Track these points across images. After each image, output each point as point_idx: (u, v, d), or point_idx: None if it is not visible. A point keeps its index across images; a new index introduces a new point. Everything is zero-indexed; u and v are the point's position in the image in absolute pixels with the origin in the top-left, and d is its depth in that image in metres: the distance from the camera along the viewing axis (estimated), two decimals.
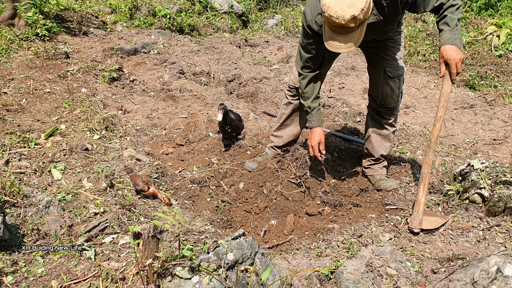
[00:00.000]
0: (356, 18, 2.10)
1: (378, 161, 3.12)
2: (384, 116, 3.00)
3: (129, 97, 4.44)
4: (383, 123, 3.02)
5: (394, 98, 2.89)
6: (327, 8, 2.12)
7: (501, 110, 4.56)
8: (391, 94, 2.86)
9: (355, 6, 2.08)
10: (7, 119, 3.29)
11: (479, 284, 1.86)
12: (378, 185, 3.06)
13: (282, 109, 3.14)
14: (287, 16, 8.26)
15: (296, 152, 3.18)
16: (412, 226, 2.48)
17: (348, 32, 2.19)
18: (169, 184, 2.96)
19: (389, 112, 2.97)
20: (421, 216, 2.47)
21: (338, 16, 2.09)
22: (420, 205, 2.46)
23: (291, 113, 3.08)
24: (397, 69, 2.81)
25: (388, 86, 2.84)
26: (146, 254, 1.71)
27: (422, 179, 2.48)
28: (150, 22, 6.73)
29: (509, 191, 2.51)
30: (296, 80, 2.91)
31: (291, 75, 2.98)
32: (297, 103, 3.03)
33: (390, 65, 2.79)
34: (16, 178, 2.57)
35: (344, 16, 2.09)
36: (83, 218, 2.34)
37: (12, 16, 5.36)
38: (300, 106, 3.03)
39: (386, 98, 2.88)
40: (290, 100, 3.06)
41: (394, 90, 2.85)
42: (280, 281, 1.96)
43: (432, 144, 2.44)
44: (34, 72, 4.27)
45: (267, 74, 5.31)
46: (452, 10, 2.28)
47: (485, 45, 6.16)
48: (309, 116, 2.81)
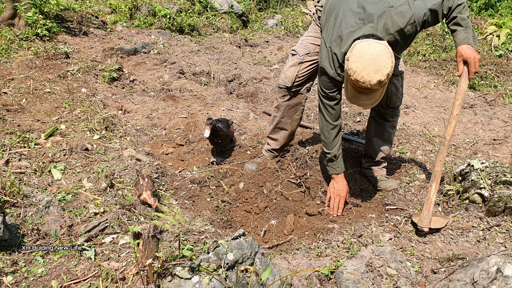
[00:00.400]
0: (382, 82, 2.15)
1: (378, 164, 3.13)
2: (388, 118, 3.02)
3: (129, 97, 4.44)
4: (387, 126, 3.04)
5: (399, 96, 2.95)
6: (354, 73, 2.15)
7: (501, 110, 4.56)
8: (396, 92, 2.92)
9: (382, 71, 2.12)
10: (7, 119, 3.29)
11: (479, 284, 1.86)
12: (378, 186, 3.07)
13: (273, 111, 3.12)
14: (287, 16, 8.26)
15: (296, 152, 3.18)
16: (422, 226, 2.45)
17: (372, 92, 2.24)
18: (169, 184, 2.96)
19: (393, 113, 3.01)
20: (431, 215, 2.46)
21: (365, 81, 2.14)
22: (431, 204, 2.45)
23: (282, 115, 3.05)
24: (400, 66, 2.89)
25: (392, 85, 2.88)
26: (146, 254, 1.71)
27: (435, 177, 2.46)
28: (150, 22, 6.73)
29: (509, 191, 2.51)
30: (287, 80, 2.90)
31: (282, 74, 2.96)
32: (287, 104, 3.00)
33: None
34: (16, 178, 2.57)
35: (370, 81, 2.14)
36: (83, 218, 2.34)
37: (12, 16, 5.35)
38: (291, 105, 3.01)
39: (392, 96, 2.92)
40: (280, 103, 3.02)
41: (398, 88, 2.91)
42: (280, 281, 1.96)
43: (447, 142, 2.44)
44: (34, 72, 4.27)
45: (267, 74, 5.31)
46: (460, 10, 2.31)
47: (485, 45, 6.16)
48: (334, 163, 2.77)
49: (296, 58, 2.88)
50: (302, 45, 2.88)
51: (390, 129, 3.05)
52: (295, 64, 2.88)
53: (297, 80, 2.89)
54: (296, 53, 2.89)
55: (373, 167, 3.14)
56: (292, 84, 2.90)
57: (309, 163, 3.09)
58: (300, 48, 2.88)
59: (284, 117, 3.06)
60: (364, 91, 2.23)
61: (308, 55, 2.83)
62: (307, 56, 2.84)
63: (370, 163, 3.15)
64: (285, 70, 2.92)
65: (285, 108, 3.02)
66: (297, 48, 2.91)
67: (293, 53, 2.92)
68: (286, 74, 2.91)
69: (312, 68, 2.85)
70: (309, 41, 2.85)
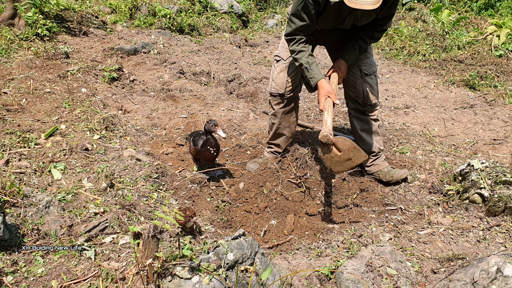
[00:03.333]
0: None
1: (378, 155, 3.14)
2: (368, 113, 3.04)
3: (129, 97, 4.44)
4: (369, 120, 3.07)
5: (375, 94, 2.97)
6: None
7: (501, 110, 4.56)
8: (371, 91, 2.94)
9: None
10: (7, 119, 3.29)
11: (479, 284, 1.86)
12: (390, 176, 3.03)
13: (271, 119, 3.14)
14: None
15: (296, 152, 3.18)
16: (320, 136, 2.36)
17: None
18: (169, 184, 2.96)
19: (372, 109, 3.03)
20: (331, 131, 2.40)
21: None
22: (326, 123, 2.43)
23: (280, 121, 3.09)
24: (372, 66, 2.92)
25: (367, 84, 2.91)
26: (146, 254, 1.71)
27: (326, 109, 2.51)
28: (150, 22, 6.73)
29: (509, 191, 2.51)
30: (279, 87, 2.92)
31: (272, 82, 2.97)
32: (283, 110, 3.04)
33: (365, 64, 2.88)
34: (16, 178, 2.57)
35: None
36: (83, 218, 2.34)
37: (12, 16, 5.35)
38: (287, 111, 3.03)
39: (368, 95, 2.94)
40: (276, 110, 3.05)
41: (373, 87, 2.94)
42: (280, 281, 1.96)
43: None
44: (34, 72, 4.27)
45: (267, 74, 5.31)
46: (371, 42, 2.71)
47: (485, 45, 6.16)
48: (309, 72, 2.60)
49: (281, 64, 2.89)
50: (284, 49, 2.89)
51: (373, 121, 3.08)
52: (283, 70, 2.89)
53: (288, 85, 2.91)
54: (280, 58, 2.90)
55: (376, 161, 3.13)
56: (285, 90, 2.92)
57: (309, 163, 3.09)
58: (283, 52, 2.89)
59: (281, 123, 3.10)
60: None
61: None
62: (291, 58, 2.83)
63: (372, 159, 3.15)
64: (274, 77, 2.93)
65: (282, 114, 3.06)
66: (279, 52, 2.91)
67: (277, 59, 2.92)
68: (277, 82, 2.92)
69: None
70: None
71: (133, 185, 2.74)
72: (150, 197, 2.69)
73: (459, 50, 6.29)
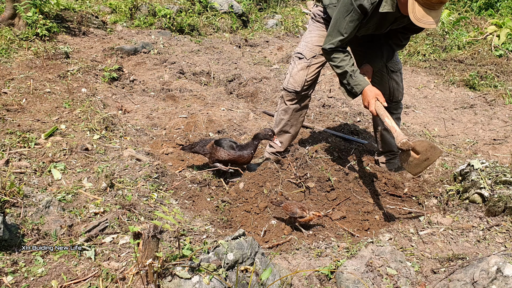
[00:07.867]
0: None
1: (396, 155, 3.23)
2: (393, 111, 3.07)
3: (129, 97, 4.44)
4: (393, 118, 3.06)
5: (400, 91, 3.04)
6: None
7: (501, 110, 4.56)
8: (397, 88, 3.01)
9: None
10: (7, 119, 3.29)
11: (479, 284, 1.86)
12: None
13: (280, 114, 3.12)
14: (287, 16, 8.26)
15: (296, 152, 3.18)
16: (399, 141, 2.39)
17: (440, 8, 2.25)
18: (169, 184, 2.96)
19: (396, 106, 3.10)
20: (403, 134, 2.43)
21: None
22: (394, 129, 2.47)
23: (289, 118, 3.09)
24: (397, 63, 2.99)
25: (393, 81, 2.97)
26: (146, 254, 1.71)
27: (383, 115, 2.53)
28: (150, 22, 6.73)
29: (509, 191, 2.51)
30: (297, 84, 2.91)
31: (290, 78, 2.96)
32: (295, 107, 3.04)
33: (391, 61, 2.92)
34: (16, 178, 2.57)
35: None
36: (83, 218, 2.34)
37: (12, 16, 5.35)
38: (298, 109, 3.03)
39: (394, 92, 3.00)
40: (288, 106, 3.05)
41: (399, 84, 3.01)
42: (280, 281, 1.96)
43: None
44: (34, 72, 4.27)
45: (267, 74, 5.31)
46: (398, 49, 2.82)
47: (485, 45, 6.16)
48: (353, 79, 2.62)
49: (303, 62, 2.89)
50: (308, 48, 2.88)
51: (397, 120, 3.14)
52: (303, 68, 2.88)
53: (305, 84, 2.91)
54: (303, 56, 2.89)
55: (393, 160, 3.25)
56: (302, 88, 2.93)
57: (309, 163, 3.09)
58: (306, 51, 2.88)
59: (290, 120, 3.11)
60: (436, 7, 2.22)
61: (315, 58, 2.86)
62: (314, 59, 2.87)
63: (390, 156, 3.25)
64: (294, 74, 2.92)
65: (293, 111, 3.07)
66: (303, 51, 2.90)
67: (300, 57, 2.91)
68: (295, 79, 2.92)
69: (319, 70, 2.92)
70: (314, 42, 2.86)
71: (133, 185, 2.74)
72: (150, 197, 2.69)
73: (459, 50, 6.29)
